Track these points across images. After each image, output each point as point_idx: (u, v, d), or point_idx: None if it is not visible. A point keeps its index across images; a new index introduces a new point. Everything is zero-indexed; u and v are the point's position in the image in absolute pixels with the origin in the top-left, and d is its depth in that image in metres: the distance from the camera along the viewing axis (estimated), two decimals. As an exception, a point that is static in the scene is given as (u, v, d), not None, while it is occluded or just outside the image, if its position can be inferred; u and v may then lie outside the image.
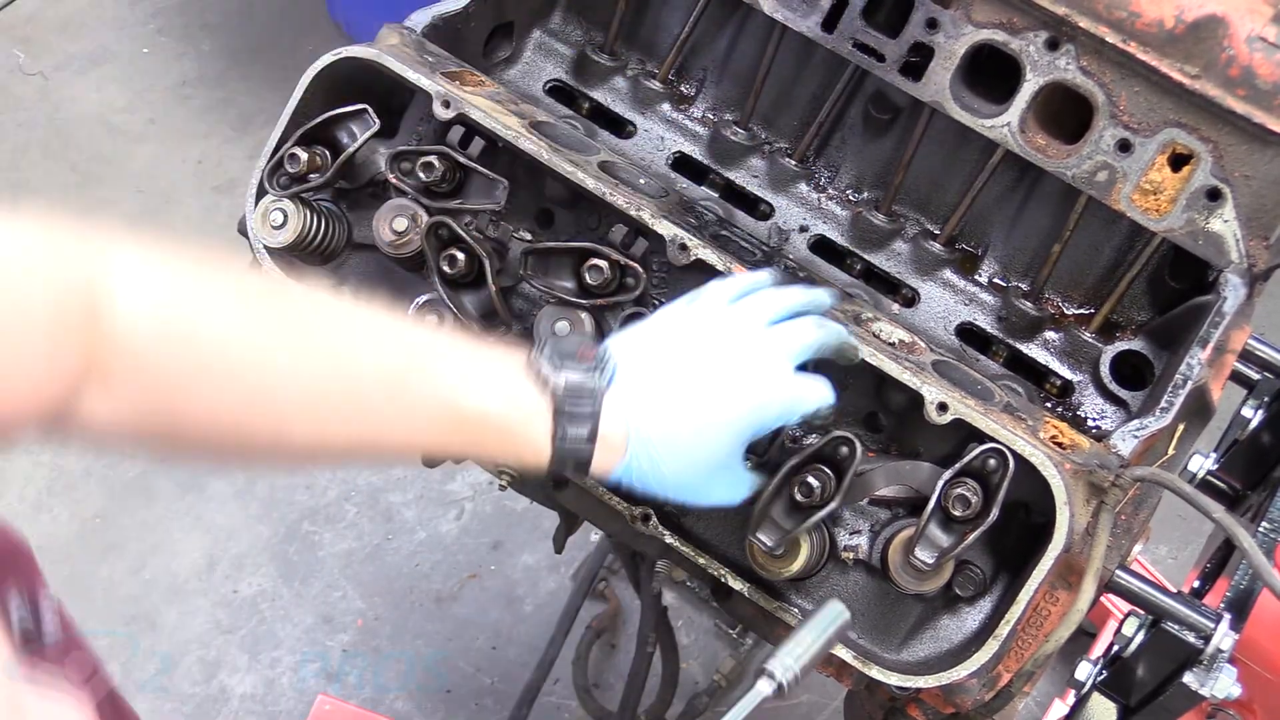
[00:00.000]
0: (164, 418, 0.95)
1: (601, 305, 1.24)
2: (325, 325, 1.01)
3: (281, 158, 1.28)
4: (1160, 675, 1.23)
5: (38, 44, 3.64)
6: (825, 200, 1.47)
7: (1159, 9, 1.20)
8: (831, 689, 2.54)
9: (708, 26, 1.49)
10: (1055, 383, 1.38)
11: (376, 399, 1.01)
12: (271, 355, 0.96)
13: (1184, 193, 1.23)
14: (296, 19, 3.68)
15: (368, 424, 1.02)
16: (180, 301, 0.92)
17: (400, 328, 1.12)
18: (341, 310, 1.09)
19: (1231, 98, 1.19)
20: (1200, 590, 1.40)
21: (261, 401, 0.96)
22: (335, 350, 1.00)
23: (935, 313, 1.42)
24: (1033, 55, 1.26)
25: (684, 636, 2.61)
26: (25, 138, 3.46)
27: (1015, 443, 1.11)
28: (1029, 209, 1.40)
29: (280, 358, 0.96)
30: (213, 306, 0.94)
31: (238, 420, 0.97)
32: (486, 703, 2.59)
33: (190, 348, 0.92)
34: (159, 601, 2.73)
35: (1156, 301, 1.38)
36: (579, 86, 1.54)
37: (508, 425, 1.04)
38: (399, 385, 1.01)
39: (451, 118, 1.25)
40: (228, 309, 0.95)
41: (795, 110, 1.48)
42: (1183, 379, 1.19)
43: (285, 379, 0.97)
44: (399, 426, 1.03)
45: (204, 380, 0.93)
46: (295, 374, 0.97)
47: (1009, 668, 1.17)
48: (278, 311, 0.98)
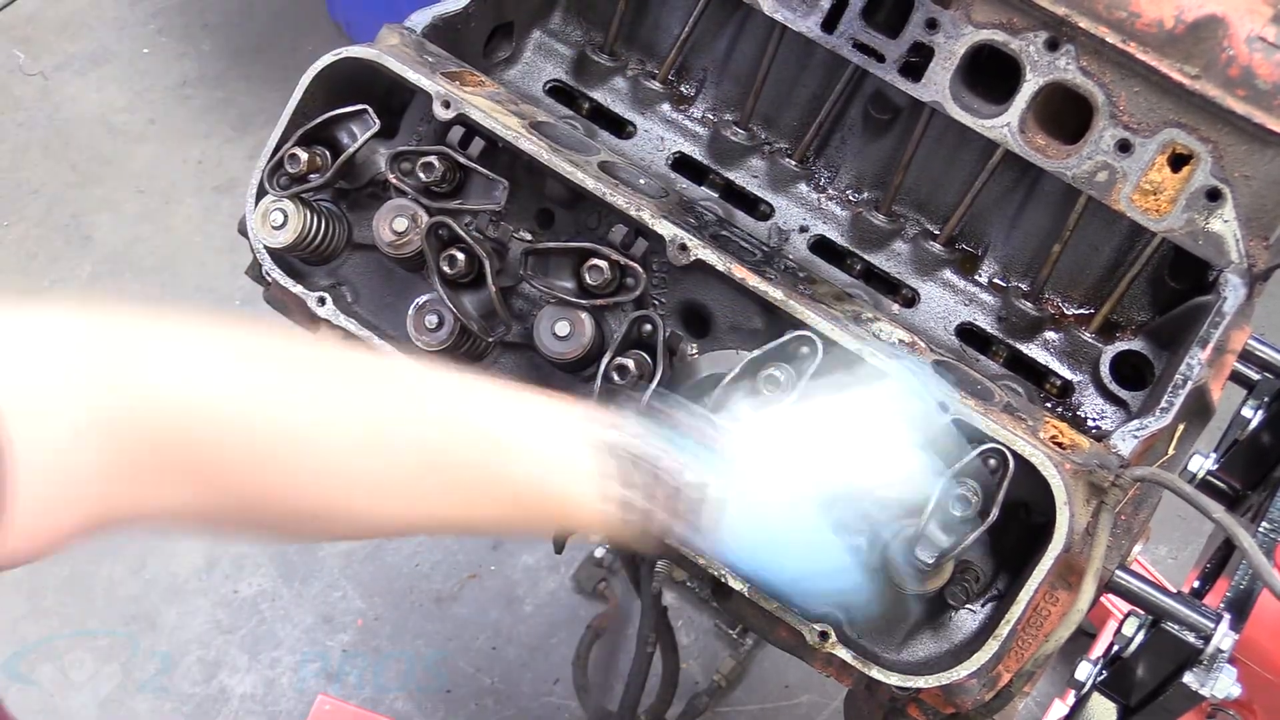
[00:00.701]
0: (231, 506, 0.89)
1: (601, 305, 1.24)
2: (395, 398, 0.96)
3: (281, 158, 1.28)
4: (1160, 675, 1.23)
5: (38, 44, 3.64)
6: (825, 200, 1.47)
7: (1159, 9, 1.20)
8: (831, 689, 2.54)
9: (708, 27, 1.49)
10: (1055, 383, 1.38)
11: (461, 479, 0.96)
12: (338, 433, 0.91)
13: (1184, 193, 1.23)
14: (296, 19, 3.68)
15: (452, 507, 0.98)
16: (237, 384, 0.86)
17: (473, 395, 1.06)
18: (417, 380, 1.03)
19: (1231, 98, 1.19)
20: (1200, 590, 1.40)
21: (334, 483, 0.91)
22: (419, 436, 0.95)
23: (935, 313, 1.42)
24: (1032, 55, 1.26)
25: (684, 636, 2.61)
26: (25, 138, 3.46)
27: (1015, 443, 1.11)
28: (1029, 209, 1.40)
29: (346, 435, 0.91)
30: (273, 386, 0.88)
31: (311, 503, 0.92)
32: (487, 703, 2.59)
33: (253, 432, 0.86)
34: (159, 601, 2.73)
35: (1156, 301, 1.38)
36: (579, 87, 1.54)
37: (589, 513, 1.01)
38: (481, 467, 0.97)
39: (451, 118, 1.25)
40: (290, 388, 0.89)
41: (795, 110, 1.48)
42: (1183, 379, 1.19)
43: (355, 458, 0.91)
44: (489, 510, 0.99)
45: (270, 465, 0.88)
46: (366, 452, 0.92)
47: (1009, 668, 1.17)
48: (339, 384, 0.93)
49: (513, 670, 2.62)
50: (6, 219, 3.31)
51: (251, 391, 0.87)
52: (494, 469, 0.98)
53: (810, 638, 1.17)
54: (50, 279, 3.21)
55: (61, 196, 3.34)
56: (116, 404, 0.79)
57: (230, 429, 0.85)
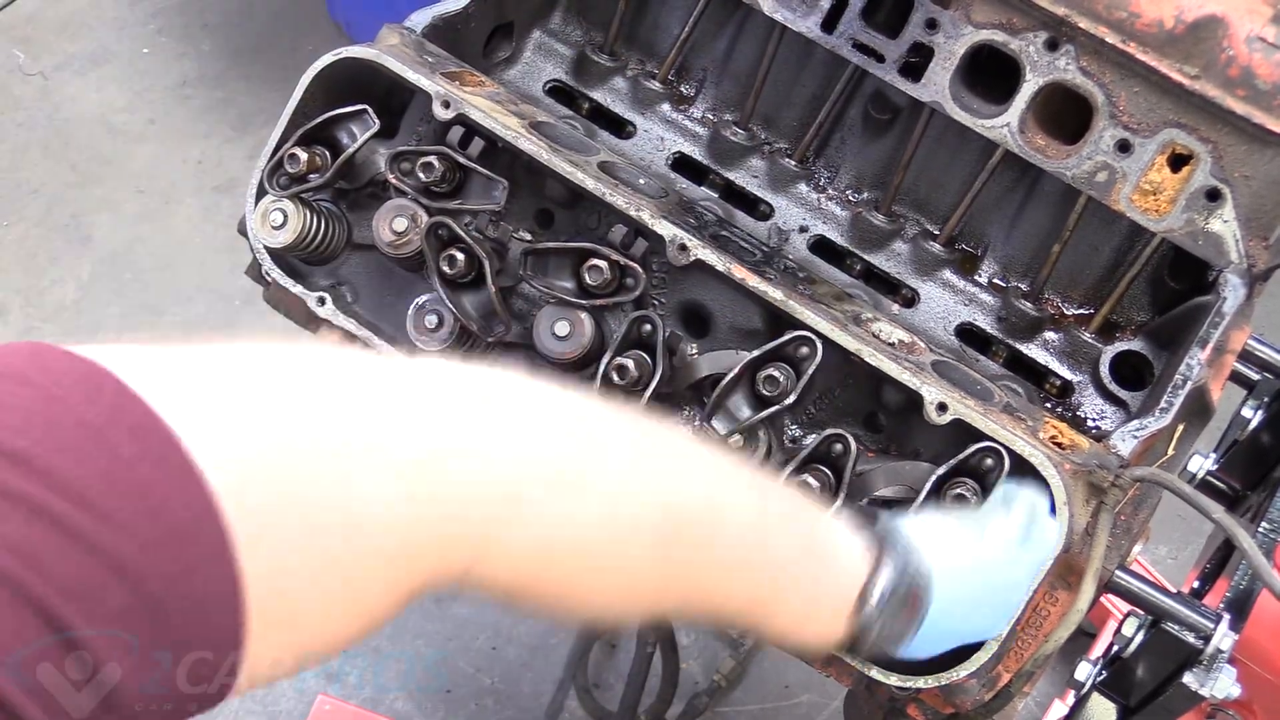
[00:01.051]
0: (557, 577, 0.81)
1: (601, 305, 1.24)
2: (776, 493, 0.95)
3: (281, 158, 1.28)
4: (1160, 675, 1.23)
5: (38, 44, 3.64)
6: (825, 200, 1.47)
7: (1158, 9, 1.20)
8: (831, 689, 2.54)
9: (707, 27, 1.49)
10: (1055, 383, 1.38)
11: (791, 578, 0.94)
12: (776, 531, 0.88)
13: (1183, 193, 1.23)
14: (296, 19, 3.68)
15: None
16: (560, 446, 0.78)
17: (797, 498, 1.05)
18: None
19: (1231, 98, 1.19)
20: (1200, 590, 1.40)
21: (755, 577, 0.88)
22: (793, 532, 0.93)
23: (935, 313, 1.42)
24: (1032, 55, 1.26)
25: (684, 636, 2.61)
26: (25, 138, 3.46)
27: (1014, 443, 1.11)
28: (1029, 209, 1.40)
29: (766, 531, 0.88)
30: (592, 449, 0.80)
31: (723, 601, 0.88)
32: (487, 703, 2.59)
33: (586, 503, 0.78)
34: (159, 601, 2.73)
35: (1156, 302, 1.38)
36: (579, 87, 1.53)
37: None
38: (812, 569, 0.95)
39: (451, 118, 1.25)
40: (614, 452, 0.82)
41: (795, 110, 1.48)
42: (1182, 379, 1.19)
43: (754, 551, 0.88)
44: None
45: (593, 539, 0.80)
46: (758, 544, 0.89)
47: (1008, 668, 1.17)
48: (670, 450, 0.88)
49: (513, 670, 2.61)
50: (6, 219, 3.31)
51: (594, 457, 0.80)
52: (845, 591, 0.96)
53: None
54: (50, 279, 3.21)
55: (61, 196, 3.34)
56: (430, 477, 0.70)
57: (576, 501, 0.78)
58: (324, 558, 0.64)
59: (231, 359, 0.66)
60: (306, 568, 0.63)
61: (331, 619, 0.66)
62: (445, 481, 0.69)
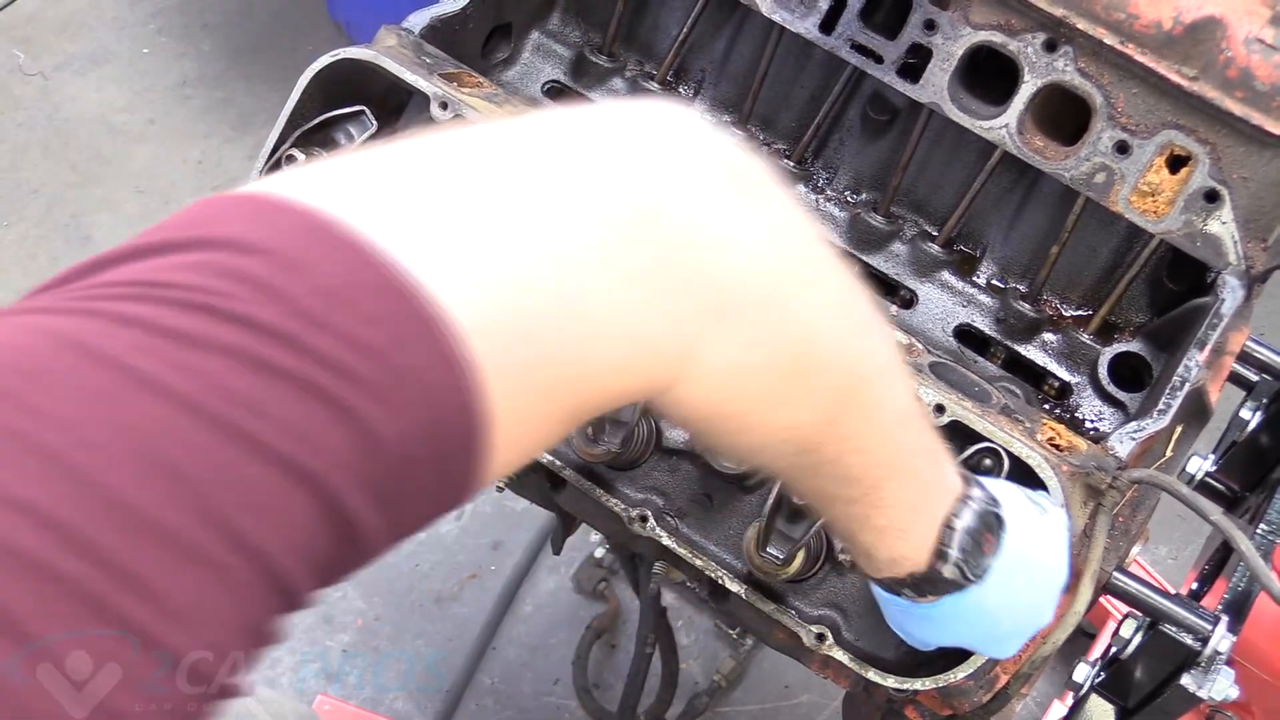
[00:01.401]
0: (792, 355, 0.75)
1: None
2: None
3: (279, 159, 1.28)
4: (1158, 677, 1.23)
5: (38, 44, 3.64)
6: (823, 201, 1.47)
7: (1157, 11, 1.20)
8: (831, 690, 2.54)
9: (706, 28, 1.49)
10: (1053, 384, 1.38)
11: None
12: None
13: (1182, 194, 1.23)
14: (296, 19, 3.68)
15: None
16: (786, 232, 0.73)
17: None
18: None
19: (1229, 99, 1.19)
20: (1198, 592, 1.40)
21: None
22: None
23: (933, 314, 1.42)
24: (1031, 57, 1.26)
25: (684, 636, 2.61)
26: (25, 138, 3.46)
27: (1012, 444, 1.11)
28: (1027, 210, 1.40)
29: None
30: (813, 239, 0.75)
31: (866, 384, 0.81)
32: (487, 703, 2.59)
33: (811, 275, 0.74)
34: (159, 601, 2.73)
35: (1155, 303, 1.38)
36: (577, 87, 1.53)
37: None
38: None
39: (449, 119, 1.25)
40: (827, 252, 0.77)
41: (793, 111, 1.48)
42: (1181, 381, 1.19)
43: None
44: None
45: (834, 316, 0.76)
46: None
47: (1006, 669, 1.17)
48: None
49: (513, 670, 2.61)
50: (6, 219, 3.31)
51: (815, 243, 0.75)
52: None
53: (807, 639, 1.17)
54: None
55: (61, 196, 3.34)
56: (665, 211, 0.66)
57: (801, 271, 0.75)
58: (558, 376, 0.63)
59: (435, 170, 0.63)
60: (540, 394, 0.63)
61: (548, 434, 0.66)
62: (670, 289, 0.66)
